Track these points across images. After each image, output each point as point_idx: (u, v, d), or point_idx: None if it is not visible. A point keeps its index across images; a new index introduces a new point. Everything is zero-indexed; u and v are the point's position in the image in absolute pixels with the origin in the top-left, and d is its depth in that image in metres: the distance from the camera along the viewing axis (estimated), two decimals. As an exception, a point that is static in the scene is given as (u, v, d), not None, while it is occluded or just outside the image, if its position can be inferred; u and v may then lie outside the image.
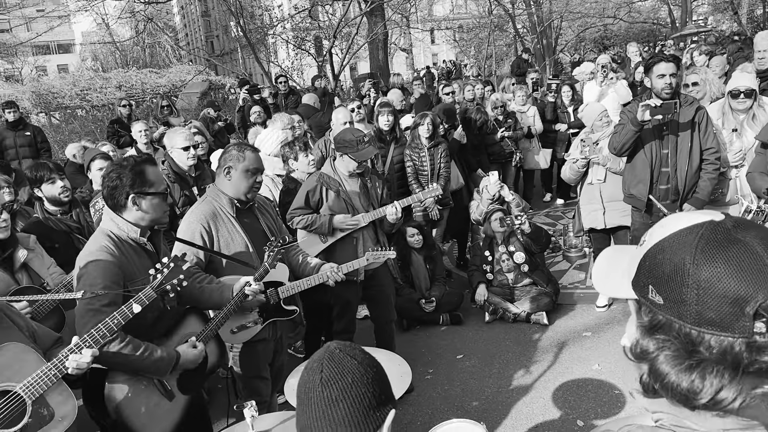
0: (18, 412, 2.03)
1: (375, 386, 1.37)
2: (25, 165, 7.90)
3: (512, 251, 5.75)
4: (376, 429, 1.36)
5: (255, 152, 3.51)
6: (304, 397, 1.37)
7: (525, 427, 4.06)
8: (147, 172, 2.75)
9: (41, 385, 2.08)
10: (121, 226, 2.74)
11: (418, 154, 6.22)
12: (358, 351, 1.42)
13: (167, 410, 2.71)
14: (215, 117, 9.22)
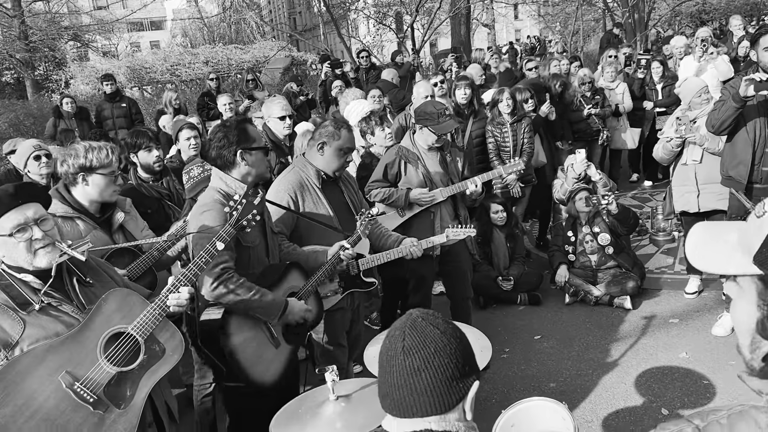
0: (134, 350, 2.19)
1: (458, 357, 1.34)
2: (120, 135, 8.32)
3: (597, 232, 5.55)
4: (459, 400, 1.34)
5: (350, 132, 3.59)
6: (385, 365, 1.36)
7: (605, 412, 3.94)
8: (249, 130, 2.99)
9: (149, 325, 2.22)
10: (230, 184, 2.95)
11: (500, 129, 6.07)
12: (441, 320, 1.39)
13: (272, 357, 2.87)
14: (297, 91, 9.34)
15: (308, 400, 2.51)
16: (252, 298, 2.75)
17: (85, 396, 2.05)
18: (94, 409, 2.06)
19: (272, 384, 2.85)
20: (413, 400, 1.30)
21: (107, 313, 2.16)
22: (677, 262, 6.05)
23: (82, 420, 2.04)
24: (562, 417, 2.57)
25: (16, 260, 2.12)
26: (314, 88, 11.61)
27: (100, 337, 2.13)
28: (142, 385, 2.19)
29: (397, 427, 1.34)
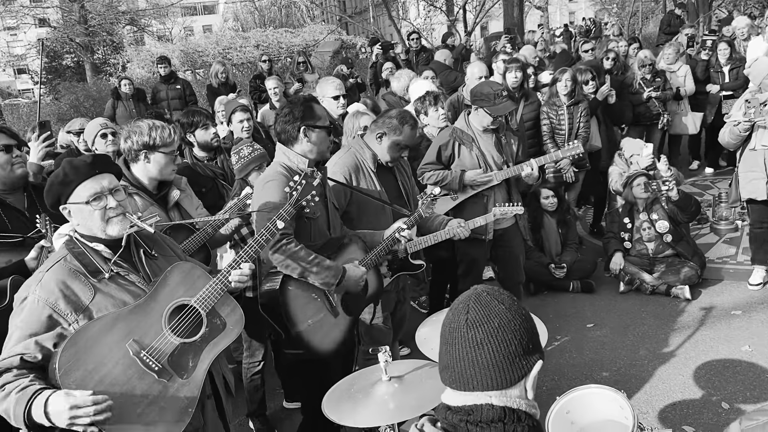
0: (196, 323, 2.24)
1: (523, 333, 1.32)
2: (174, 116, 8.49)
3: (655, 219, 5.36)
4: (521, 377, 1.31)
5: (413, 129, 3.57)
6: (448, 337, 1.34)
7: (661, 403, 3.82)
8: (315, 108, 3.03)
9: (212, 298, 2.27)
10: (292, 159, 3.00)
11: (556, 111, 5.91)
12: (507, 296, 1.37)
13: (331, 326, 2.90)
14: (347, 74, 9.33)
15: (360, 379, 2.51)
16: (310, 264, 2.79)
17: (150, 364, 2.11)
18: (159, 377, 2.12)
19: (330, 352, 2.88)
20: (474, 373, 1.29)
21: (172, 285, 2.21)
22: (740, 252, 5.79)
23: (147, 387, 2.10)
24: (620, 405, 2.49)
25: (90, 228, 2.19)
26: (364, 71, 11.56)
27: (165, 309, 2.18)
28: (203, 357, 2.24)
29: (457, 399, 1.32)
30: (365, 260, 3.14)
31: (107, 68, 23.29)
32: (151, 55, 21.08)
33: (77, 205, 2.17)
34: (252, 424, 4.01)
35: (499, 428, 1.25)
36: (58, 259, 2.16)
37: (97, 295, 2.13)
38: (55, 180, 2.18)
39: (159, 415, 2.10)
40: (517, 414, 1.28)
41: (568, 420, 2.55)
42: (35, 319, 2.05)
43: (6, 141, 3.13)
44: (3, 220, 3.07)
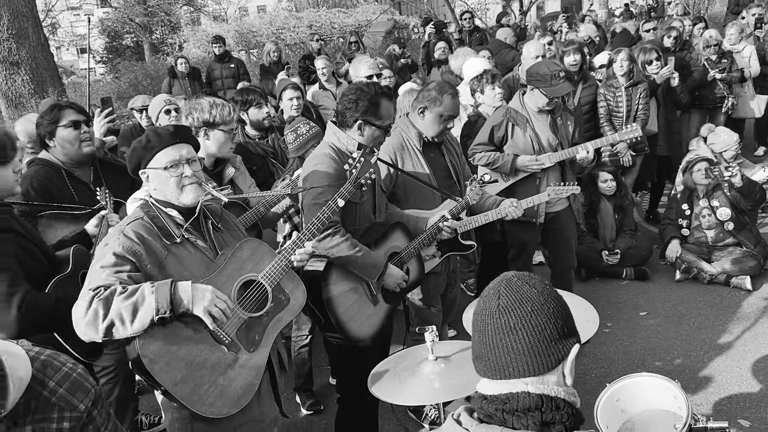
0: (262, 298, 2.33)
1: (557, 317, 1.28)
2: (228, 95, 8.61)
3: (715, 206, 5.16)
4: (558, 362, 1.28)
5: (454, 98, 3.47)
6: (480, 324, 1.31)
7: (716, 396, 3.70)
8: (382, 105, 2.94)
9: (277, 275, 2.35)
10: (342, 140, 2.98)
11: (614, 93, 5.73)
12: (538, 281, 1.33)
13: (370, 313, 2.90)
14: (399, 54, 9.26)
15: (406, 358, 2.51)
16: (355, 255, 2.79)
17: (221, 337, 2.20)
18: (228, 350, 2.21)
19: (367, 339, 2.87)
20: (509, 360, 1.26)
21: (240, 261, 2.28)
22: (807, 243, 5.52)
23: (217, 359, 2.19)
24: (674, 395, 2.41)
25: (165, 194, 2.29)
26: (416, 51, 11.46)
27: (234, 284, 2.25)
28: (269, 331, 2.33)
29: (492, 388, 1.29)
30: (408, 249, 3.11)
31: (164, 48, 23.81)
32: (207, 35, 21.41)
33: (156, 170, 2.27)
34: (299, 398, 4.09)
35: (537, 417, 1.21)
36: (136, 218, 2.25)
37: (168, 256, 2.22)
38: (139, 145, 2.29)
39: (228, 384, 2.19)
40: (555, 402, 1.24)
41: (618, 408, 2.48)
42: (119, 262, 2.13)
43: (75, 117, 3.25)
44: (71, 193, 3.21)
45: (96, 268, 2.14)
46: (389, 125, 3.02)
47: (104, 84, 17.30)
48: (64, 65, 24.25)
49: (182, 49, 22.67)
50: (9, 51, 9.72)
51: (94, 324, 2.03)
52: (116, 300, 2.03)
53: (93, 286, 2.08)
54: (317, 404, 4.05)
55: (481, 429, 1.23)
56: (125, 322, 2.03)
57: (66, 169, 3.25)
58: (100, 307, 2.02)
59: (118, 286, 2.07)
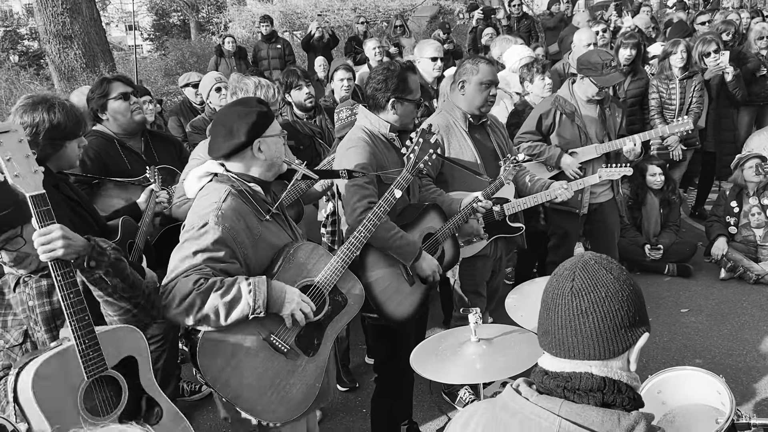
0: (320, 302, 2.33)
1: (630, 304, 1.27)
2: (275, 75, 8.70)
3: (766, 205, 5.02)
4: (625, 349, 1.27)
5: (489, 64, 3.45)
6: (550, 303, 1.31)
7: (758, 396, 3.64)
8: (409, 80, 2.94)
9: (333, 277, 2.35)
10: (374, 122, 2.96)
11: (667, 85, 5.60)
12: (615, 266, 1.31)
13: (407, 293, 2.91)
14: (444, 39, 9.19)
15: (449, 338, 2.53)
16: (392, 238, 2.77)
17: (279, 346, 2.21)
18: (288, 358, 2.23)
19: (403, 320, 2.89)
20: (576, 342, 1.26)
21: (297, 265, 2.27)
22: None
23: (279, 368, 2.21)
24: (718, 390, 2.39)
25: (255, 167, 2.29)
26: (461, 37, 11.36)
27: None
28: (327, 334, 2.34)
29: (555, 365, 1.30)
30: (442, 230, 3.10)
31: (210, 27, 24.06)
32: (252, 15, 21.55)
33: (273, 137, 2.28)
34: (335, 375, 4.16)
35: (598, 398, 1.22)
36: (227, 192, 2.18)
37: (262, 233, 2.24)
38: (260, 109, 2.27)
39: (290, 391, 2.22)
40: (617, 385, 1.24)
41: (659, 400, 2.48)
42: (217, 248, 2.10)
43: (123, 89, 3.36)
44: (124, 162, 3.32)
45: (189, 248, 2.10)
46: (420, 98, 3.01)
47: (151, 61, 17.61)
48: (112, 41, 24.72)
49: (227, 28, 22.90)
50: (63, 25, 9.98)
51: (188, 313, 2.05)
52: (213, 295, 2.04)
53: (185, 271, 2.07)
54: (353, 382, 4.12)
55: (541, 399, 1.25)
56: (220, 316, 2.07)
57: (119, 140, 3.36)
58: (198, 299, 2.03)
59: (216, 280, 2.06)
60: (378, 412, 3.16)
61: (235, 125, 2.22)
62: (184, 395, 4.08)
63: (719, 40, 5.98)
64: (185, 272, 2.07)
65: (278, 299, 2.14)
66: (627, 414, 1.21)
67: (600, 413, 1.19)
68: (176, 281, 2.07)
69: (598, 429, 1.17)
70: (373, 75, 3.01)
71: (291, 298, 2.16)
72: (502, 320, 3.04)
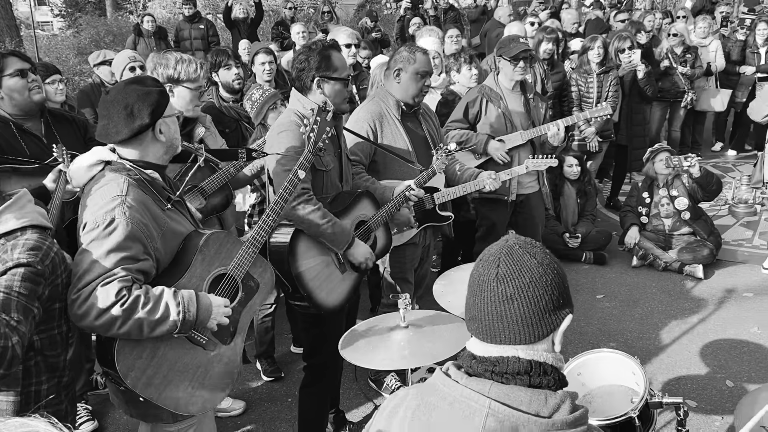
0: (234, 290, 2.28)
1: (554, 288, 1.28)
2: (197, 57, 8.38)
3: (674, 196, 5.32)
4: (549, 332, 1.29)
5: (426, 54, 3.45)
6: (476, 289, 1.31)
7: (665, 376, 3.85)
8: (333, 57, 2.86)
9: (246, 264, 2.29)
10: (306, 106, 2.86)
11: (585, 79, 5.82)
12: (539, 250, 1.32)
13: (338, 282, 2.87)
14: (371, 27, 9.17)
15: (377, 325, 2.52)
16: (324, 225, 2.74)
17: (198, 339, 2.15)
18: (206, 349, 2.17)
19: (334, 308, 2.86)
20: (502, 327, 1.27)
21: (209, 257, 2.19)
22: (757, 236, 5.76)
23: (198, 360, 2.16)
24: (633, 371, 2.51)
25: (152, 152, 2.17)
26: (388, 26, 11.37)
27: (204, 282, 2.17)
28: (242, 319, 2.30)
29: (483, 350, 1.31)
30: (375, 217, 3.09)
31: (127, 5, 22.95)
32: (173, -6, 20.75)
33: (172, 117, 2.18)
34: (260, 365, 4.08)
35: (525, 380, 1.24)
36: (125, 184, 2.03)
37: (167, 223, 2.12)
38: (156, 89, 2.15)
39: (210, 380, 2.19)
40: (543, 367, 1.26)
41: (579, 382, 2.57)
42: (127, 244, 1.97)
43: (20, 65, 3.03)
44: (21, 146, 3.04)
45: (100, 248, 1.95)
46: (347, 76, 2.94)
47: (63, 39, 16.62)
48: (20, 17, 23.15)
49: (146, 7, 21.92)
50: (-38, -3, 9.25)
51: (108, 329, 1.93)
52: (139, 312, 1.92)
53: (101, 275, 1.92)
54: (278, 371, 4.06)
55: (471, 381, 1.25)
56: (143, 332, 1.96)
57: (15, 122, 3.06)
58: (121, 315, 1.91)
59: (140, 292, 1.94)
60: (306, 402, 3.11)
61: (136, 106, 2.06)
62: (98, 388, 3.90)
63: (634, 38, 6.25)
64: (102, 278, 1.92)
65: (206, 317, 2.08)
66: (553, 393, 1.23)
67: (528, 393, 1.21)
68: (93, 289, 1.91)
69: (526, 409, 1.19)
70: (295, 57, 2.95)
71: (217, 312, 2.12)
72: (430, 307, 3.06)
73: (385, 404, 1.39)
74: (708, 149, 8.42)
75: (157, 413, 2.16)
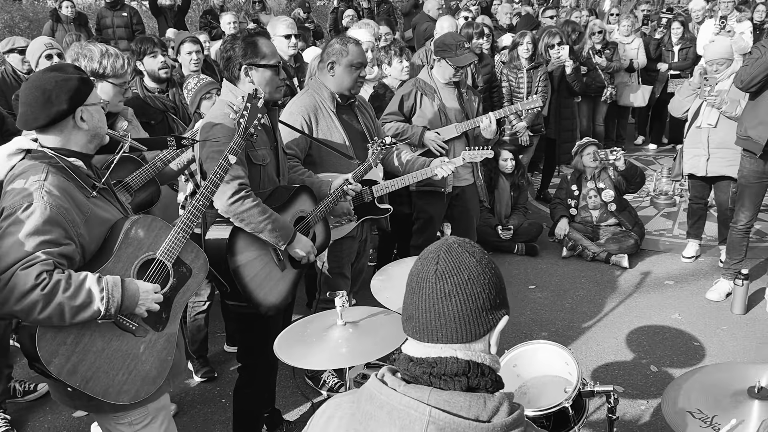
0: (164, 275, 2.19)
1: (491, 288, 1.28)
2: (121, 45, 8.03)
3: (601, 188, 5.50)
4: (486, 331, 1.29)
5: (359, 45, 3.40)
6: (415, 286, 1.30)
7: (595, 363, 3.98)
8: (259, 44, 2.78)
9: (176, 249, 2.21)
10: (238, 95, 2.77)
11: (516, 74, 5.92)
12: (478, 249, 1.33)
13: (277, 279, 2.80)
14: (304, 18, 9.04)
15: (314, 323, 2.48)
16: (264, 221, 2.67)
17: (127, 325, 2.07)
18: (137, 335, 2.10)
19: (274, 307, 2.80)
20: (440, 325, 1.26)
21: (136, 242, 2.12)
22: (676, 226, 6.05)
23: (128, 347, 2.07)
24: (566, 361, 2.57)
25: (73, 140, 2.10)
26: (321, 18, 11.25)
27: (132, 267, 2.10)
28: (174, 306, 2.22)
29: (420, 351, 1.29)
30: (314, 213, 3.03)
31: (44, -10, 21.76)
32: (94, -20, 19.79)
33: (96, 106, 2.10)
34: (191, 365, 3.95)
35: (464, 382, 1.23)
36: (44, 171, 1.98)
37: (92, 210, 2.05)
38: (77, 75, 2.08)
39: (142, 368, 2.11)
40: (481, 368, 1.26)
41: (514, 373, 2.61)
42: (47, 228, 1.90)
43: None
44: None
45: (17, 233, 1.88)
46: (276, 62, 2.85)
47: (-28, 23, 15.56)
48: None
49: (65, -8, 20.85)
50: None
51: (29, 314, 1.84)
52: (59, 297, 1.84)
53: (20, 259, 1.84)
54: (211, 372, 3.95)
55: (409, 389, 1.22)
56: (65, 318, 1.88)
57: None
58: (41, 300, 1.83)
59: (61, 277, 1.86)
60: (240, 403, 3.03)
61: (54, 92, 2.00)
62: (17, 396, 3.68)
63: (563, 34, 6.41)
64: (21, 261, 1.85)
65: (132, 303, 2.00)
66: (492, 396, 1.23)
67: (467, 398, 1.20)
68: (13, 273, 1.84)
69: (466, 414, 1.18)
70: (221, 48, 2.86)
71: (145, 297, 2.04)
72: (367, 302, 3.05)
73: (318, 414, 1.36)
74: (631, 143, 8.78)
75: (98, 404, 2.08)
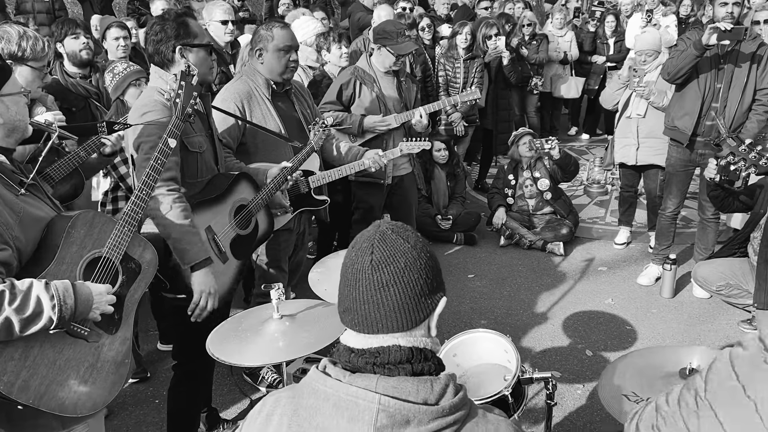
0: (112, 273, 2.06)
1: (428, 272, 1.26)
2: (42, 32, 7.58)
3: (537, 177, 5.59)
4: (426, 316, 1.27)
5: (285, 28, 3.29)
6: (350, 279, 1.26)
7: (533, 350, 4.04)
8: (190, 24, 2.68)
9: (122, 244, 2.09)
10: (168, 80, 2.65)
11: (453, 64, 5.94)
12: (411, 233, 1.29)
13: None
14: (239, 6, 8.79)
15: (250, 317, 2.39)
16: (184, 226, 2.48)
17: (78, 331, 1.93)
18: (90, 341, 1.96)
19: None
20: (380, 316, 1.22)
21: (78, 241, 1.97)
22: (608, 214, 6.23)
23: (82, 355, 1.93)
24: (505, 349, 2.57)
25: None
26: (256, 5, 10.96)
27: (78, 268, 1.95)
28: (126, 305, 2.10)
29: (361, 342, 1.25)
30: (255, 201, 2.94)
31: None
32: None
33: (13, 96, 1.91)
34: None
35: (408, 369, 1.21)
36: None
37: (24, 209, 1.88)
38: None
39: (99, 375, 1.97)
40: (423, 353, 1.24)
41: (454, 363, 2.60)
42: None
43: None
44: None
45: None
46: (209, 42, 2.77)
47: None
48: None
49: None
50: None
51: None
52: (6, 310, 1.68)
53: None
54: (143, 372, 3.79)
55: (356, 378, 1.18)
56: (13, 332, 1.71)
57: None
58: None
59: (4, 287, 1.69)
60: (175, 403, 2.90)
61: None
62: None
63: (500, 25, 6.47)
64: None
65: (86, 308, 1.87)
66: (437, 378, 1.21)
67: (415, 383, 1.17)
68: None
69: (414, 399, 1.15)
70: (148, 32, 2.71)
71: (99, 300, 1.91)
72: (306, 295, 2.97)
73: (256, 412, 1.29)
74: (564, 134, 8.99)
75: (45, 423, 1.89)
